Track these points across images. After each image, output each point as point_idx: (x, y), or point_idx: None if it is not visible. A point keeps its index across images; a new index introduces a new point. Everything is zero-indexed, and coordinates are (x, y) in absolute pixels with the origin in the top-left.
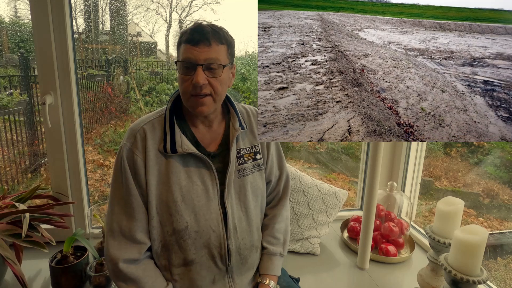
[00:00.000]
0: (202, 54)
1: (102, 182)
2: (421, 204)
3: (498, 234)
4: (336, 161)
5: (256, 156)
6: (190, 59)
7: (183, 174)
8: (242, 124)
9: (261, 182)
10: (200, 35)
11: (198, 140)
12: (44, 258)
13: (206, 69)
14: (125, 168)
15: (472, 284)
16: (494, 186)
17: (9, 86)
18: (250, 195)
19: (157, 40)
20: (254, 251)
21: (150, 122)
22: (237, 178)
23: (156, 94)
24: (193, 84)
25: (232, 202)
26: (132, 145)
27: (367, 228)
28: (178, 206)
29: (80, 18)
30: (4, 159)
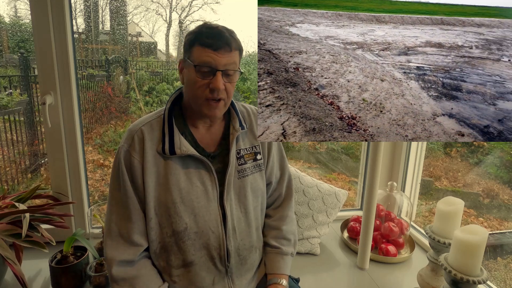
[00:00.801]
0: (223, 59)
1: (102, 182)
2: (421, 204)
3: (498, 234)
4: (336, 161)
5: (257, 156)
6: (210, 63)
7: (182, 176)
8: (242, 124)
9: (261, 183)
10: (221, 41)
11: (197, 140)
12: (44, 258)
13: (224, 75)
14: (122, 170)
15: (472, 284)
16: (494, 186)
17: (9, 86)
18: (250, 196)
19: (157, 40)
20: (253, 252)
21: (148, 123)
22: (237, 179)
23: (156, 94)
24: (210, 88)
25: (232, 203)
26: (130, 147)
27: (367, 228)
28: (177, 208)
29: (80, 18)
30: (4, 159)
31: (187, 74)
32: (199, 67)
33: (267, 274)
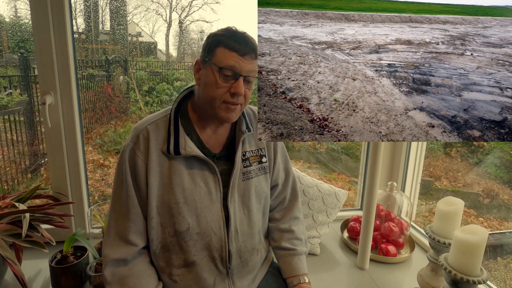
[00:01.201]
0: (248, 66)
1: (102, 182)
2: (421, 204)
3: (498, 234)
4: (336, 161)
5: (262, 159)
6: (235, 68)
7: (186, 176)
8: (249, 126)
9: (265, 186)
10: (248, 47)
11: (203, 141)
12: (44, 258)
13: (245, 81)
14: (126, 168)
15: (472, 284)
16: (494, 186)
17: (9, 86)
18: (253, 198)
19: (157, 40)
20: (255, 254)
21: (154, 122)
22: (242, 181)
23: (156, 94)
24: (231, 92)
25: (235, 204)
26: (135, 146)
27: (367, 228)
28: (180, 208)
29: (80, 18)
30: (4, 159)
31: (206, 75)
32: (224, 69)
33: (286, 277)
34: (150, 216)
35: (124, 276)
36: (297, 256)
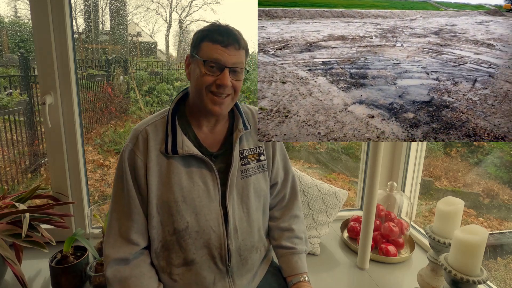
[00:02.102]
0: (232, 57)
1: (102, 182)
2: (421, 204)
3: (498, 234)
4: (336, 161)
5: (260, 157)
6: (219, 60)
7: (184, 175)
8: (246, 125)
9: (264, 184)
10: (231, 38)
11: (200, 140)
12: (44, 258)
13: (231, 72)
14: (126, 169)
15: (472, 284)
16: (494, 186)
17: (9, 86)
18: (252, 196)
19: (157, 40)
20: (254, 252)
21: (153, 123)
22: (240, 179)
23: (156, 94)
24: (217, 84)
25: (234, 202)
26: (134, 146)
27: (367, 228)
28: (179, 207)
29: (80, 18)
30: (4, 159)
31: (194, 69)
32: (208, 62)
33: (287, 276)
34: (151, 215)
35: (125, 277)
36: (297, 255)
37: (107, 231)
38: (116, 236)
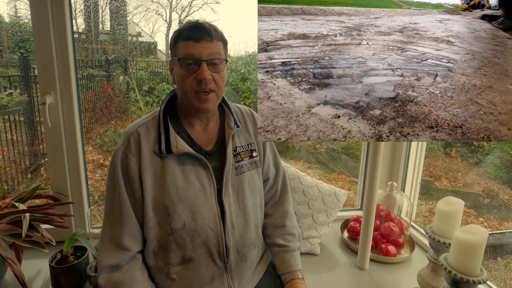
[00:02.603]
0: (205, 49)
1: (102, 182)
2: (421, 204)
3: (498, 234)
4: (336, 161)
5: (253, 153)
6: (193, 55)
7: (179, 174)
8: (237, 122)
9: (258, 180)
10: (202, 32)
11: (193, 139)
12: (44, 258)
13: (209, 65)
14: (118, 173)
15: (472, 284)
16: (494, 186)
17: (9, 86)
18: (247, 192)
19: (157, 40)
20: (252, 249)
21: (144, 124)
22: (235, 176)
23: (157, 94)
24: (197, 80)
25: (230, 199)
26: (126, 149)
27: (367, 228)
28: (175, 206)
29: (80, 18)
30: (4, 159)
31: (175, 72)
32: (184, 60)
33: (281, 274)
34: (148, 217)
35: (117, 282)
36: (290, 252)
37: (101, 236)
38: (109, 242)
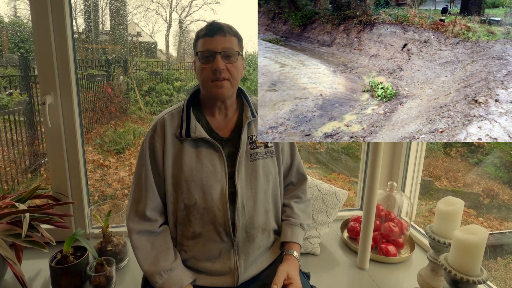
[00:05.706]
0: (219, 43)
1: (102, 182)
2: (421, 204)
3: (498, 234)
4: (336, 161)
5: (268, 144)
6: (209, 48)
7: (194, 156)
8: (253, 113)
9: (273, 168)
10: (216, 28)
11: (212, 127)
12: (44, 258)
13: (223, 57)
14: (145, 153)
15: (472, 284)
16: (494, 186)
17: (9, 86)
18: (261, 178)
19: (157, 40)
20: (260, 232)
21: (170, 112)
22: (249, 161)
23: (156, 94)
24: (213, 70)
25: (242, 182)
26: (154, 132)
27: (367, 228)
28: (189, 185)
29: (80, 18)
30: (4, 159)
31: (197, 65)
32: (202, 53)
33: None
34: (169, 192)
35: (148, 247)
36: (289, 225)
37: (128, 205)
38: (135, 212)
